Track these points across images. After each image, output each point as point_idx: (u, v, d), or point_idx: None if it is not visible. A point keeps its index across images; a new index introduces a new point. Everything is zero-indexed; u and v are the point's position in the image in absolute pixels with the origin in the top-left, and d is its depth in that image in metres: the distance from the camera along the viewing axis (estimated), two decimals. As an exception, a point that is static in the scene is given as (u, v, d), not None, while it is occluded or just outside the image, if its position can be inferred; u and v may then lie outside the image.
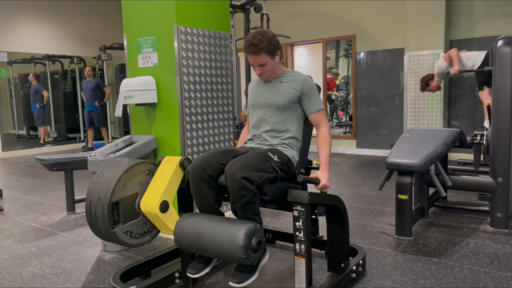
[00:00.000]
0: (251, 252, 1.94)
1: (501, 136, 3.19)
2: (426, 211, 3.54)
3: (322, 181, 2.22)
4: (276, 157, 2.20)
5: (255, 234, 1.95)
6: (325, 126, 2.36)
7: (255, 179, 1.99)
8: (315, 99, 2.37)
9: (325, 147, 2.33)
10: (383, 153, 6.99)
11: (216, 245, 1.97)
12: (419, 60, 6.33)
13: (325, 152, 2.32)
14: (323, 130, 2.35)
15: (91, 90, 8.47)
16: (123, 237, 2.14)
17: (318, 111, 2.36)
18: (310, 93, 2.36)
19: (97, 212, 2.09)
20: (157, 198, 2.12)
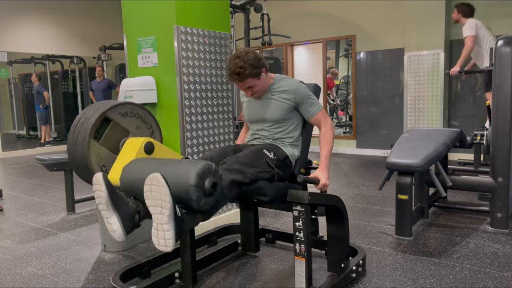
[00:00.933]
0: (204, 195, 1.72)
1: (501, 136, 3.19)
2: (426, 211, 3.54)
3: (321, 180, 2.21)
4: (271, 154, 2.20)
5: (209, 174, 1.73)
6: (325, 125, 2.34)
7: (248, 175, 2.01)
8: (311, 103, 2.34)
9: (325, 145, 2.30)
10: (383, 153, 6.99)
11: (170, 185, 1.68)
12: (419, 60, 6.33)
13: (325, 149, 2.29)
14: (324, 129, 2.34)
15: (103, 90, 8.32)
16: (93, 156, 1.94)
17: (317, 114, 2.35)
18: (305, 99, 2.34)
19: (86, 119, 1.94)
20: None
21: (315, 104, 2.36)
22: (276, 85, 2.39)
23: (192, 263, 2.40)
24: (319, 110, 2.35)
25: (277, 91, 2.36)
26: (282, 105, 2.34)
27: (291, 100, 2.33)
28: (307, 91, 2.36)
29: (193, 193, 1.67)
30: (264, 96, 2.41)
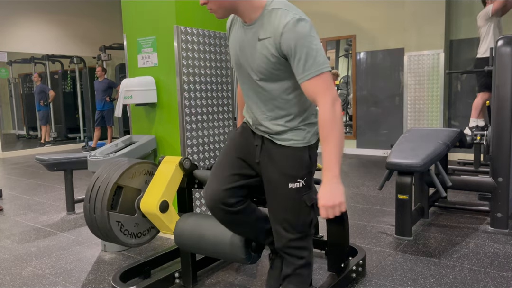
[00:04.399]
0: (251, 252, 1.94)
1: (501, 136, 3.19)
2: (426, 211, 3.54)
3: (320, 200, 1.48)
4: (301, 181, 1.64)
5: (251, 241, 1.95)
6: (324, 104, 1.45)
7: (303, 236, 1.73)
8: (305, 58, 1.45)
9: (326, 138, 1.46)
10: (383, 153, 6.99)
11: (216, 245, 1.97)
12: (419, 60, 6.33)
13: (327, 146, 1.45)
14: (322, 110, 1.46)
15: (103, 91, 8.45)
16: (114, 225, 2.12)
17: (312, 79, 1.46)
18: (297, 48, 1.45)
19: (100, 188, 2.09)
20: (157, 198, 2.12)
21: (312, 63, 1.45)
22: (264, 21, 1.54)
23: (192, 263, 2.40)
24: (318, 74, 1.46)
25: (264, 35, 1.54)
26: (264, 57, 1.54)
27: (274, 50, 1.51)
28: (302, 35, 1.46)
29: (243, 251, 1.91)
30: (253, 30, 1.58)
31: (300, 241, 1.73)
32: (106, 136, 8.82)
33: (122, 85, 3.21)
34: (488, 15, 4.73)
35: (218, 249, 1.97)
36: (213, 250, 2.00)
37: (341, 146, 1.46)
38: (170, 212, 2.18)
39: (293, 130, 1.66)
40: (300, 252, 1.75)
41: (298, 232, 1.71)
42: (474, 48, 6.19)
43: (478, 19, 4.88)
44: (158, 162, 2.31)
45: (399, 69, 6.79)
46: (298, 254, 1.74)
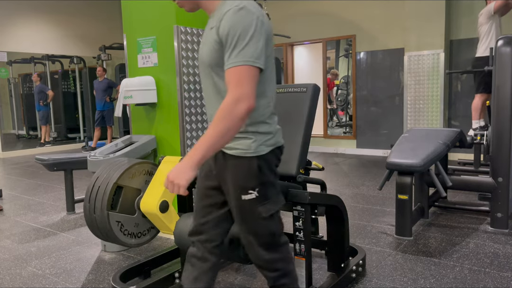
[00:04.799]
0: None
1: (501, 136, 3.19)
2: (426, 211, 3.54)
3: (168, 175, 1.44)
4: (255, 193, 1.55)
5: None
6: (228, 97, 1.39)
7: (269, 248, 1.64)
8: (234, 46, 1.40)
9: (211, 127, 1.40)
10: (383, 153, 6.99)
11: None
12: (419, 60, 6.33)
13: (208, 131, 1.40)
14: (223, 103, 1.39)
15: (103, 91, 8.48)
16: (114, 225, 2.12)
17: (231, 68, 1.39)
18: (229, 34, 1.41)
19: (100, 189, 2.09)
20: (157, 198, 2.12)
21: (240, 52, 1.39)
22: (218, 10, 1.51)
23: (192, 263, 2.40)
24: (238, 65, 1.38)
25: (214, 24, 1.49)
26: (211, 45, 1.50)
27: (217, 36, 1.46)
28: (241, 23, 1.40)
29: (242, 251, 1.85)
30: (209, 23, 1.57)
31: (267, 254, 1.64)
32: (106, 136, 8.82)
33: (122, 85, 3.21)
34: (491, 12, 4.72)
35: None
36: None
37: (218, 139, 1.38)
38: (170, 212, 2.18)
39: (238, 139, 1.52)
40: (271, 265, 1.66)
41: (261, 245, 1.62)
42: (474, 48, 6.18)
43: (480, 17, 4.87)
44: (158, 162, 2.31)
45: (399, 69, 6.79)
46: (270, 267, 1.66)
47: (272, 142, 1.57)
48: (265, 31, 1.45)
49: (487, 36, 4.79)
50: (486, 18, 4.79)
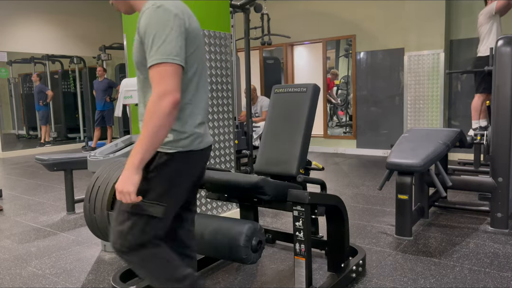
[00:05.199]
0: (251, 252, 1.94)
1: (501, 136, 3.19)
2: (426, 211, 3.54)
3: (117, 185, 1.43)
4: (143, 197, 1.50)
5: (255, 234, 1.95)
6: (153, 95, 1.39)
7: (126, 244, 1.54)
8: (151, 45, 1.41)
9: (143, 128, 1.41)
10: (383, 153, 6.99)
11: (217, 245, 1.98)
12: (419, 60, 6.33)
13: (141, 135, 1.41)
14: (149, 101, 1.40)
15: (103, 91, 8.49)
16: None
17: (152, 67, 1.40)
18: (146, 33, 1.43)
19: (100, 188, 2.09)
20: None
21: (158, 49, 1.39)
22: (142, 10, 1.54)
23: (192, 263, 2.40)
24: (158, 63, 1.39)
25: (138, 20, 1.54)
26: (135, 46, 1.55)
27: (137, 38, 1.51)
28: (155, 20, 1.41)
29: (243, 251, 1.90)
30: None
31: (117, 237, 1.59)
32: (106, 136, 8.82)
33: (122, 85, 3.21)
34: (492, 12, 4.72)
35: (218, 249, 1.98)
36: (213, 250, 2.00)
37: (152, 139, 1.38)
38: None
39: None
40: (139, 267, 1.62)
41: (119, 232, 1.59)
42: (474, 48, 6.18)
43: (480, 16, 4.87)
44: None
45: (399, 69, 6.79)
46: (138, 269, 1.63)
47: (183, 144, 1.53)
48: (185, 30, 1.45)
49: (488, 36, 4.79)
50: (486, 18, 4.79)
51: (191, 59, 1.51)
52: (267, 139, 2.72)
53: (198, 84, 1.57)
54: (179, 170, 1.53)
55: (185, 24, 1.45)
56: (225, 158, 3.54)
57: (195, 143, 1.55)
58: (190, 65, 1.51)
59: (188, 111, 1.54)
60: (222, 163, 3.52)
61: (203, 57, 1.61)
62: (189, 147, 1.54)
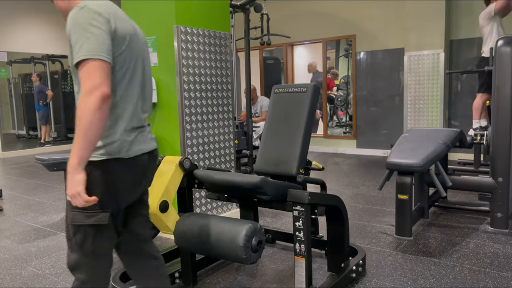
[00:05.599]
0: (251, 252, 1.94)
1: (501, 136, 3.19)
2: (426, 211, 3.54)
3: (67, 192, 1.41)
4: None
5: (255, 234, 1.95)
6: (81, 93, 1.36)
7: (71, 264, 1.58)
8: (74, 44, 1.39)
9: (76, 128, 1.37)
10: (383, 153, 6.99)
11: (217, 245, 1.98)
12: (419, 60, 6.33)
13: (75, 136, 1.37)
14: (79, 97, 1.37)
15: None
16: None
17: (79, 65, 1.38)
18: (71, 33, 1.41)
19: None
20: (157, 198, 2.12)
21: (81, 47, 1.37)
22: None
23: (192, 263, 2.40)
24: (81, 60, 1.37)
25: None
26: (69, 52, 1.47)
27: (68, 42, 1.44)
28: (77, 19, 1.40)
29: (243, 251, 1.90)
30: None
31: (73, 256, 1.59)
32: None
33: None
34: (491, 14, 4.72)
35: (218, 249, 1.98)
36: (213, 250, 2.00)
37: (85, 137, 1.35)
38: (170, 212, 2.18)
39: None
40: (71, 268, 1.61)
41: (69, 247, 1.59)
42: (474, 48, 6.20)
43: (480, 18, 4.87)
44: (158, 162, 2.30)
45: (399, 69, 6.79)
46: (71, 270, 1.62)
47: (105, 151, 1.49)
48: (110, 29, 1.43)
49: (490, 36, 4.79)
50: (486, 19, 4.79)
51: (119, 60, 1.49)
52: (267, 139, 2.72)
53: (128, 87, 1.54)
54: (110, 179, 1.51)
55: (109, 23, 1.44)
56: (225, 158, 3.54)
57: (122, 150, 1.52)
58: (120, 66, 1.49)
59: (115, 115, 1.51)
60: (222, 163, 3.52)
61: (138, 60, 1.58)
62: (117, 154, 1.51)
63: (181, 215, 2.22)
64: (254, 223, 1.98)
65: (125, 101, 1.54)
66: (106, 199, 1.51)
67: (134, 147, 1.56)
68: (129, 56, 1.52)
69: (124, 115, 1.53)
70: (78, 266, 1.58)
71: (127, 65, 1.52)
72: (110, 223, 1.54)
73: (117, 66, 1.48)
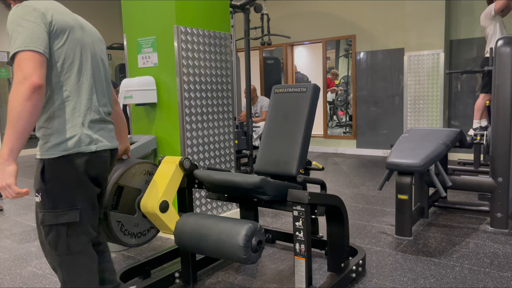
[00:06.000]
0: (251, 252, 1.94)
1: (501, 136, 3.19)
2: (426, 211, 3.54)
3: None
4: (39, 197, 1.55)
5: (255, 234, 1.96)
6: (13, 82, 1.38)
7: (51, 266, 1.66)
8: (10, 39, 1.43)
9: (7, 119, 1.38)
10: (383, 153, 6.99)
11: (217, 245, 1.98)
12: (419, 60, 6.33)
13: (6, 126, 1.38)
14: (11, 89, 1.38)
15: None
16: (114, 225, 2.12)
17: (14, 58, 1.41)
18: (8, 31, 1.45)
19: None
20: (157, 198, 2.12)
21: (15, 42, 1.40)
22: None
23: (192, 263, 2.40)
24: (14, 53, 1.40)
25: None
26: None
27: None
28: (12, 17, 1.45)
29: (243, 251, 1.89)
30: None
31: (49, 260, 1.65)
32: None
33: (122, 85, 3.21)
34: (491, 14, 4.72)
35: (218, 249, 1.98)
36: (213, 250, 2.00)
37: (15, 128, 1.35)
38: (170, 212, 2.18)
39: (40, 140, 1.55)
40: (56, 272, 1.65)
41: (43, 250, 1.65)
42: (474, 48, 6.20)
43: (482, 19, 4.87)
44: (158, 162, 2.31)
45: (399, 69, 6.79)
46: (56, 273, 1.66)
47: (65, 146, 1.50)
48: (46, 22, 1.46)
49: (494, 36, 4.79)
50: (488, 19, 4.79)
51: (62, 51, 1.51)
52: (267, 139, 2.72)
53: (79, 79, 1.55)
54: (74, 174, 1.53)
55: (45, 16, 1.46)
56: (225, 158, 3.54)
57: (83, 144, 1.53)
58: (64, 58, 1.51)
59: (70, 108, 1.52)
60: (222, 163, 3.52)
61: (87, 54, 1.60)
62: (79, 148, 1.53)
63: (181, 215, 2.22)
64: (254, 223, 1.98)
65: (78, 94, 1.55)
66: (74, 196, 1.53)
67: (95, 142, 1.58)
68: (72, 48, 1.54)
69: (79, 108, 1.54)
70: (57, 267, 1.61)
71: (72, 57, 1.54)
72: (83, 221, 1.56)
73: (61, 57, 1.51)
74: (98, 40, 1.70)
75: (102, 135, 1.62)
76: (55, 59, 1.48)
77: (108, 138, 1.66)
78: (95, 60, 1.64)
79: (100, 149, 1.59)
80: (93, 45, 1.65)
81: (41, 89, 1.38)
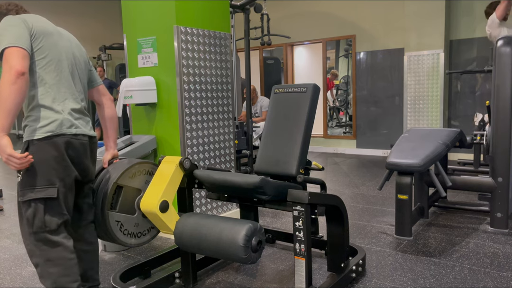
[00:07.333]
0: (251, 252, 1.94)
1: (501, 136, 3.19)
2: (426, 211, 3.54)
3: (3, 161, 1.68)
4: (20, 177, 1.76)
5: (255, 234, 1.96)
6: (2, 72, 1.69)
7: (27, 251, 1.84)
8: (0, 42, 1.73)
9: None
10: (383, 153, 6.99)
11: (217, 245, 1.98)
12: (419, 60, 6.33)
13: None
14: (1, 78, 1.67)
15: None
16: (113, 225, 2.12)
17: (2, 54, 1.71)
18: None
19: (99, 188, 2.10)
20: (157, 198, 2.12)
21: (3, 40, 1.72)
22: None
23: (192, 263, 2.40)
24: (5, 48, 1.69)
25: None
26: None
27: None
28: (2, 24, 1.78)
29: (243, 251, 1.91)
30: None
31: (23, 237, 1.82)
32: None
33: (122, 85, 3.21)
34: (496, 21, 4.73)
35: (218, 249, 1.98)
36: (213, 250, 2.01)
37: (4, 107, 1.61)
38: (170, 212, 2.18)
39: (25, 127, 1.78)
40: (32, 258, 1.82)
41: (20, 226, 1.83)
42: (474, 48, 6.20)
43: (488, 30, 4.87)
44: (158, 162, 2.31)
45: (399, 69, 6.79)
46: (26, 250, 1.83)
47: (48, 128, 1.76)
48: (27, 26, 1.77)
49: None
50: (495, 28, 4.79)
51: (41, 51, 1.79)
52: (267, 139, 2.72)
53: (58, 74, 1.84)
54: (54, 153, 1.75)
55: (26, 22, 1.78)
56: (225, 158, 3.54)
57: (64, 127, 1.79)
58: (43, 56, 1.80)
59: (50, 98, 1.80)
60: (222, 163, 3.52)
61: (62, 55, 1.88)
62: (60, 130, 1.77)
63: (181, 215, 2.22)
64: (254, 223, 1.98)
65: (57, 87, 1.82)
66: (53, 174, 1.75)
67: (76, 126, 1.84)
68: (47, 49, 1.82)
69: (59, 98, 1.82)
70: (33, 247, 1.78)
71: (50, 56, 1.82)
72: (59, 199, 1.77)
73: (41, 55, 1.80)
74: (75, 46, 2.00)
75: (81, 124, 1.88)
76: (36, 57, 1.77)
77: (86, 127, 1.92)
78: (72, 62, 1.92)
79: (79, 132, 1.84)
80: (71, 48, 1.94)
81: (25, 75, 1.66)
